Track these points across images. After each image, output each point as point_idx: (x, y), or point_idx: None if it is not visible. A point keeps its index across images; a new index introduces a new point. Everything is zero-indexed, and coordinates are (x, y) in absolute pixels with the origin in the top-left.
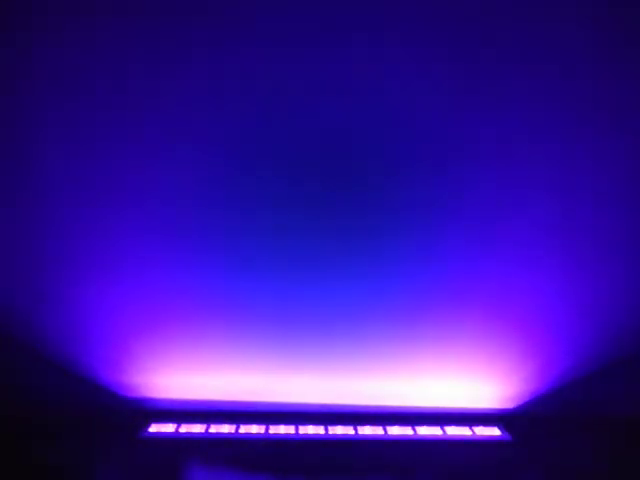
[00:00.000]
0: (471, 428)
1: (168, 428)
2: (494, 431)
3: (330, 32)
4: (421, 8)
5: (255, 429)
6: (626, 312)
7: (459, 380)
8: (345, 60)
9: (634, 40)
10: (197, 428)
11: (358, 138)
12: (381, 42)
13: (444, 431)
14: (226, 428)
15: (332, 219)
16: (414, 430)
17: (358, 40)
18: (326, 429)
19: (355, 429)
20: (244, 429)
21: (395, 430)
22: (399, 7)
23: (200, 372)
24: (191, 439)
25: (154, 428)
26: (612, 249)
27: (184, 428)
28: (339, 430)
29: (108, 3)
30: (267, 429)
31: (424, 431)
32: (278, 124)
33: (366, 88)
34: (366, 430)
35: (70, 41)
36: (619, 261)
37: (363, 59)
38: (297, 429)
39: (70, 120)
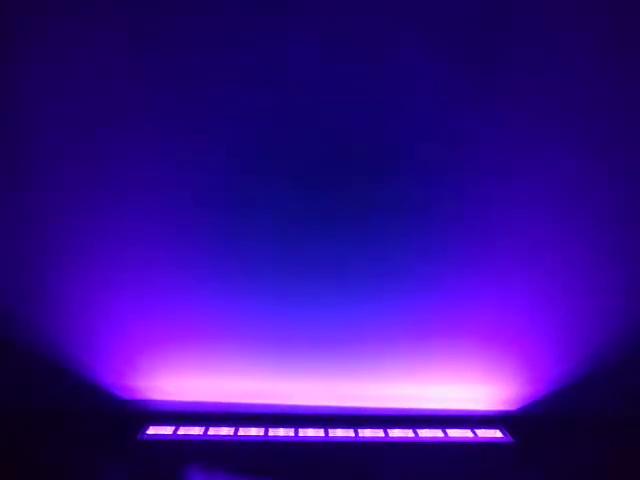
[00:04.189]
0: (473, 430)
1: (166, 430)
2: (496, 433)
3: (332, 32)
4: (427, 9)
5: (254, 432)
6: (625, 314)
7: (461, 382)
8: (346, 59)
9: (636, 43)
10: (195, 430)
11: (358, 140)
12: (385, 43)
13: (445, 433)
14: (225, 431)
15: (330, 231)
16: (415, 432)
17: (361, 39)
18: (326, 432)
19: (356, 432)
20: (243, 432)
21: (396, 432)
22: (405, 9)
23: (199, 374)
24: (189, 442)
25: (152, 430)
26: (611, 256)
27: (182, 430)
28: (339, 433)
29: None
30: (266, 432)
31: (425, 433)
32: (277, 124)
33: (368, 87)
34: (367, 432)
35: (69, 40)
36: (617, 267)
37: (364, 58)
38: (297, 432)
39: (70, 120)
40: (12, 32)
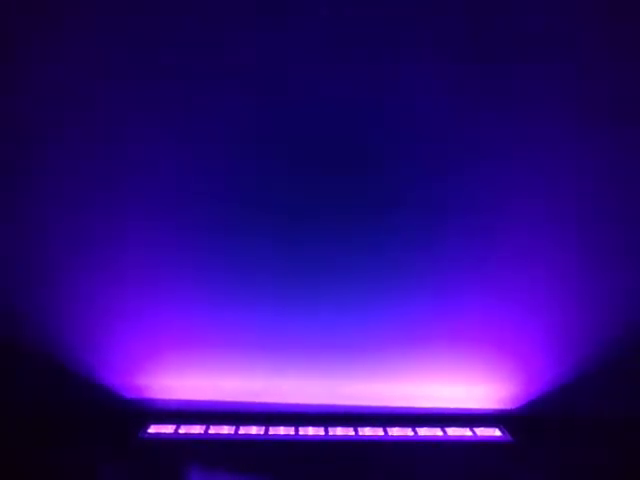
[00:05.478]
0: (472, 429)
1: (167, 429)
2: (495, 432)
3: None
4: (427, 9)
5: (255, 430)
6: (624, 314)
7: (460, 381)
8: (347, 59)
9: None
10: (196, 429)
11: (358, 141)
12: (387, 41)
13: (445, 432)
14: (225, 429)
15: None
16: (414, 431)
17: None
18: (326, 430)
19: (355, 430)
20: (244, 430)
21: (395, 431)
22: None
23: (200, 373)
24: (190, 440)
25: (153, 429)
26: (610, 257)
27: (183, 429)
28: (339, 431)
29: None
30: (267, 430)
31: (425, 432)
32: (277, 126)
33: (370, 86)
34: (366, 431)
35: (70, 39)
36: (616, 269)
37: (364, 58)
38: (297, 430)
39: (70, 120)
40: (12, 32)
